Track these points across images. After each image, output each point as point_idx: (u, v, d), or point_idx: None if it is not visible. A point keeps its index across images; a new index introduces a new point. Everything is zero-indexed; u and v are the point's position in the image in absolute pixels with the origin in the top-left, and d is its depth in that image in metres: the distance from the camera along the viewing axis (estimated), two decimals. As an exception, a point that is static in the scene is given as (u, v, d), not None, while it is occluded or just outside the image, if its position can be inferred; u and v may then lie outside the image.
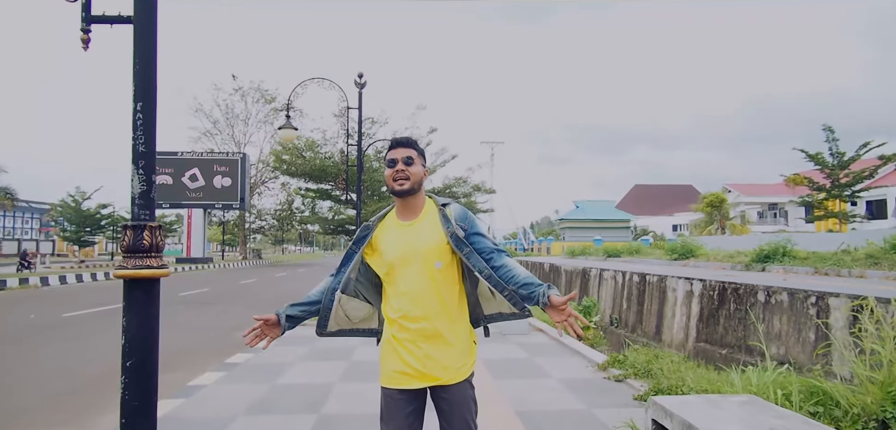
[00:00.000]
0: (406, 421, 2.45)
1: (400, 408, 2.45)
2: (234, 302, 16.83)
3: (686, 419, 3.25)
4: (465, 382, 2.49)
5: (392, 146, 2.58)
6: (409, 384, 2.44)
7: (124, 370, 2.98)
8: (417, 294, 2.44)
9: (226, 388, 5.96)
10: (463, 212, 2.57)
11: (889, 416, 3.45)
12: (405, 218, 2.54)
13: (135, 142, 3.09)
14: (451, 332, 2.46)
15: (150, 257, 3.04)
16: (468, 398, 2.50)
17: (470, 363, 2.53)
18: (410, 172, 2.48)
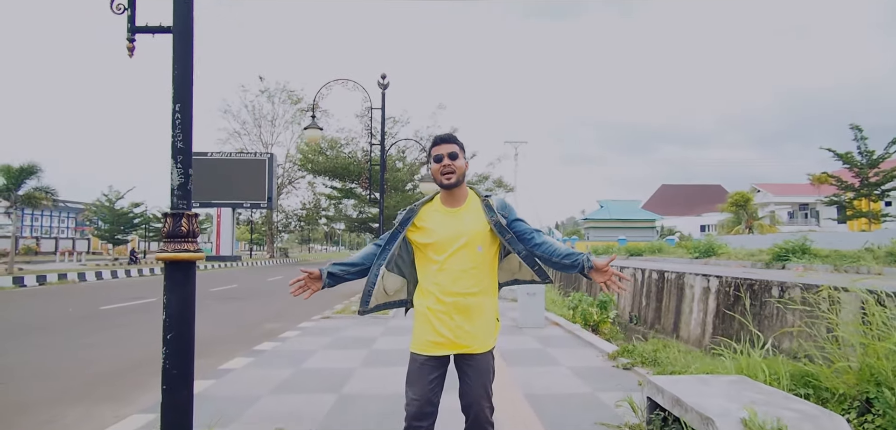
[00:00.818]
0: (429, 385, 2.76)
1: (426, 372, 2.76)
2: (262, 297, 17.35)
3: (675, 394, 3.51)
4: (488, 353, 2.82)
5: (436, 143, 2.91)
6: (440, 351, 2.76)
7: (165, 342, 3.35)
8: (458, 273, 2.76)
9: (253, 371, 6.34)
10: (503, 202, 2.92)
11: (872, 395, 3.64)
12: (450, 206, 2.87)
13: (174, 139, 3.46)
14: (483, 307, 2.79)
15: (187, 242, 3.40)
16: (490, 367, 2.83)
17: (494, 338, 2.87)
18: (455, 165, 2.81)
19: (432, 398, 2.77)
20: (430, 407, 2.76)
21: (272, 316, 12.31)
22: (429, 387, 2.76)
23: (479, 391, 2.78)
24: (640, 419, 4.05)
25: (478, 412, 2.79)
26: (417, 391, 2.76)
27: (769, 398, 3.36)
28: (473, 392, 2.78)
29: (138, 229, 56.89)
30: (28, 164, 25.72)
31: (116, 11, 3.56)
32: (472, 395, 2.78)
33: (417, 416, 2.73)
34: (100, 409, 5.36)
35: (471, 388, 2.79)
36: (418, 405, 2.74)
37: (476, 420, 2.79)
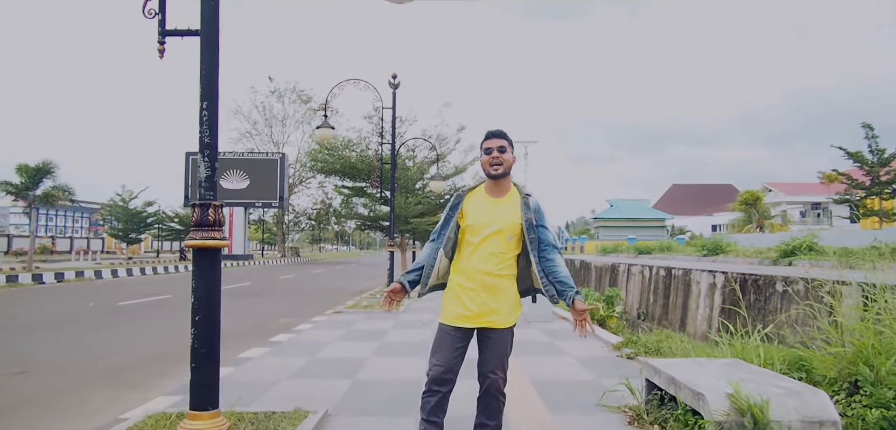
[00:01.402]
0: (453, 354, 3.04)
1: (451, 342, 3.06)
2: (275, 295, 17.67)
3: (671, 374, 3.72)
4: (509, 329, 3.11)
5: (487, 137, 3.19)
6: (466, 323, 3.05)
7: (194, 323, 3.62)
8: (488, 256, 3.06)
9: (271, 360, 6.61)
10: (538, 205, 3.21)
11: (860, 376, 3.80)
12: (494, 195, 3.18)
13: (201, 135, 3.73)
14: (507, 288, 3.08)
15: (213, 230, 3.66)
16: (508, 343, 3.13)
17: (516, 317, 3.15)
18: (503, 158, 3.11)
19: (454, 366, 3.04)
20: (450, 375, 3.03)
21: (285, 312, 12.59)
22: (452, 356, 3.03)
23: (496, 363, 3.06)
24: (638, 400, 4.26)
25: (493, 381, 3.07)
26: (441, 358, 3.04)
27: (759, 378, 3.56)
28: (491, 363, 3.05)
29: (152, 228, 57.61)
30: (44, 162, 26.20)
31: (148, 16, 3.83)
32: (489, 364, 3.05)
33: (438, 380, 3.02)
34: (125, 394, 5.63)
35: (489, 359, 3.06)
36: (441, 370, 3.02)
37: (490, 388, 3.07)
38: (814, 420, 3.07)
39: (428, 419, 3.08)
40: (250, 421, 3.89)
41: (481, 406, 3.17)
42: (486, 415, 3.16)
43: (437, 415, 3.08)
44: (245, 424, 3.82)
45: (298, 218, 63.68)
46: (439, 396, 3.06)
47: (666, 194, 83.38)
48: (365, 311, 11.36)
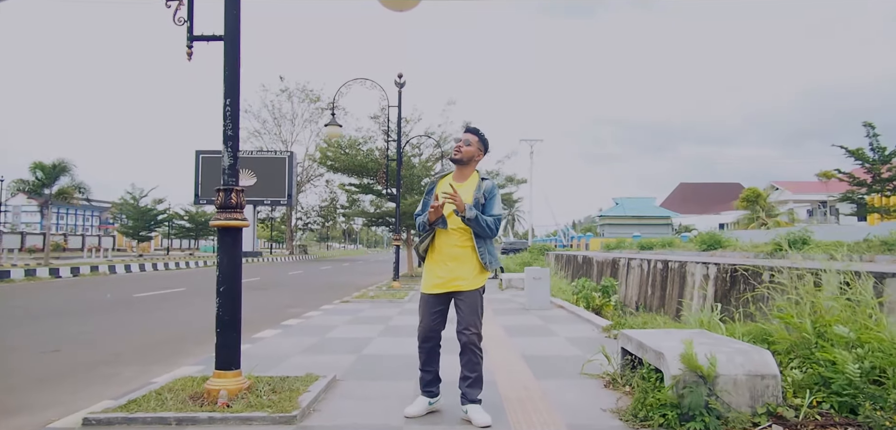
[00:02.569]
0: (433, 317, 3.73)
1: (429, 306, 3.75)
2: (284, 288, 18.21)
3: (640, 340, 4.20)
4: (476, 291, 3.71)
5: (464, 131, 3.93)
6: (438, 289, 3.70)
7: (218, 293, 4.13)
8: (451, 230, 3.72)
9: (283, 339, 7.13)
10: (491, 190, 3.81)
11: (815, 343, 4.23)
12: (458, 180, 3.86)
13: (225, 128, 4.24)
14: (469, 257, 3.71)
15: (236, 212, 4.17)
16: (477, 302, 3.72)
17: (481, 281, 3.74)
18: (464, 149, 3.81)
19: (435, 326, 3.71)
20: (432, 333, 3.71)
21: (295, 302, 13.12)
22: (432, 318, 3.71)
23: (468, 319, 3.65)
24: (614, 367, 4.73)
25: (468, 336, 3.64)
26: (424, 321, 3.73)
27: (715, 342, 4.03)
28: (463, 321, 3.65)
29: (162, 225, 58.39)
30: (60, 161, 26.91)
31: (178, 23, 4.34)
32: (462, 323, 3.65)
33: (424, 338, 3.73)
34: (152, 368, 6.14)
35: (461, 318, 3.66)
36: (424, 330, 3.72)
37: (465, 343, 3.65)
38: (756, 374, 3.54)
39: (423, 368, 3.81)
40: (267, 382, 4.39)
41: (462, 361, 3.74)
42: (467, 367, 3.73)
43: (431, 365, 3.79)
44: (263, 384, 4.32)
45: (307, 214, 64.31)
46: (427, 350, 3.76)
47: (674, 193, 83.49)
48: (371, 301, 11.87)
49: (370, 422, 3.72)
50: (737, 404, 3.49)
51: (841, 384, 3.50)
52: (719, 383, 3.50)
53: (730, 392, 3.49)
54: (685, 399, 3.47)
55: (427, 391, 3.83)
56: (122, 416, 3.65)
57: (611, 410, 3.89)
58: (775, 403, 3.49)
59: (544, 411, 3.93)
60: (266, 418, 3.64)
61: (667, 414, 3.48)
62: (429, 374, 3.81)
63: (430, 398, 3.84)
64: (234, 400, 3.89)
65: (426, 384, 3.83)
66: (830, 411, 3.43)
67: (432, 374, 3.82)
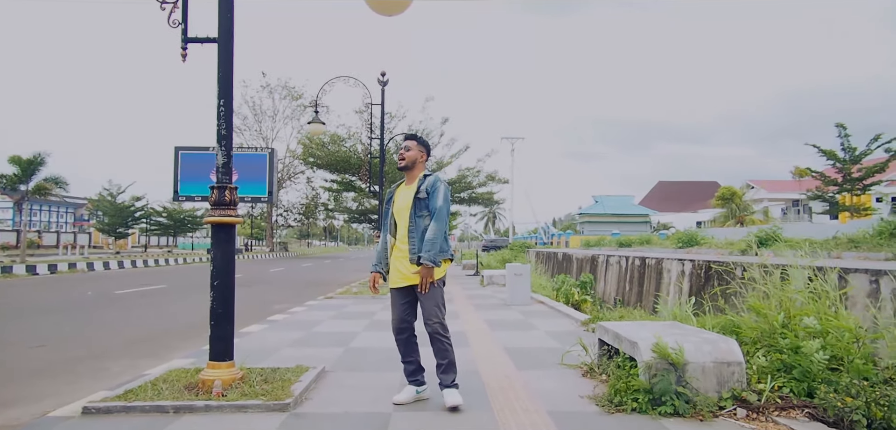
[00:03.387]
0: (402, 308, 4.00)
1: (398, 300, 4.03)
2: (266, 285, 18.26)
3: (616, 331, 4.44)
4: (432, 284, 3.91)
5: (403, 139, 4.28)
6: (402, 283, 3.97)
7: (212, 287, 4.28)
8: (405, 230, 3.98)
9: (270, 333, 7.27)
10: (433, 183, 4.05)
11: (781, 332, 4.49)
12: (408, 184, 4.15)
13: (218, 128, 4.39)
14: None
15: (229, 209, 4.32)
16: (437, 294, 3.95)
17: (439, 274, 3.94)
18: (407, 155, 4.11)
19: (406, 317, 4.02)
20: (404, 323, 4.01)
21: (279, 299, 13.22)
22: (401, 309, 4.02)
23: (429, 310, 3.90)
24: (591, 357, 4.97)
25: (432, 326, 3.90)
26: (395, 313, 4.04)
27: (685, 333, 4.28)
28: (426, 311, 3.92)
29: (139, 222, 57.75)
30: (36, 154, 26.49)
31: (172, 25, 4.47)
32: (425, 313, 3.93)
33: (397, 329, 4.03)
34: (139, 362, 6.26)
35: (424, 308, 3.93)
36: (396, 321, 4.03)
37: (432, 332, 3.91)
38: (723, 361, 3.79)
39: (404, 360, 4.09)
40: (259, 373, 4.55)
41: (433, 349, 3.99)
42: (437, 355, 3.99)
43: (411, 355, 4.08)
44: (255, 375, 4.48)
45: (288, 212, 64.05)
46: (403, 341, 4.05)
47: (653, 191, 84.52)
48: (355, 297, 12.02)
49: (360, 410, 3.90)
50: (704, 389, 3.73)
51: (801, 371, 3.77)
52: (688, 369, 3.75)
53: (698, 378, 3.74)
54: (656, 385, 3.72)
55: (413, 380, 4.08)
56: (120, 405, 3.79)
57: (588, 396, 4.12)
58: (740, 388, 3.74)
59: (525, 398, 4.14)
60: (260, 406, 3.80)
61: (639, 399, 3.72)
62: (411, 364, 4.08)
63: (418, 387, 4.08)
64: (228, 390, 4.05)
65: (410, 375, 4.08)
66: (790, 394, 3.69)
67: (414, 364, 4.08)
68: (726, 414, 3.60)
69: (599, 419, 3.66)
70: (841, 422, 3.26)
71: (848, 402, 3.25)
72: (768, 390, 3.66)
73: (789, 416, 3.49)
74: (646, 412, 3.67)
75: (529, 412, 3.82)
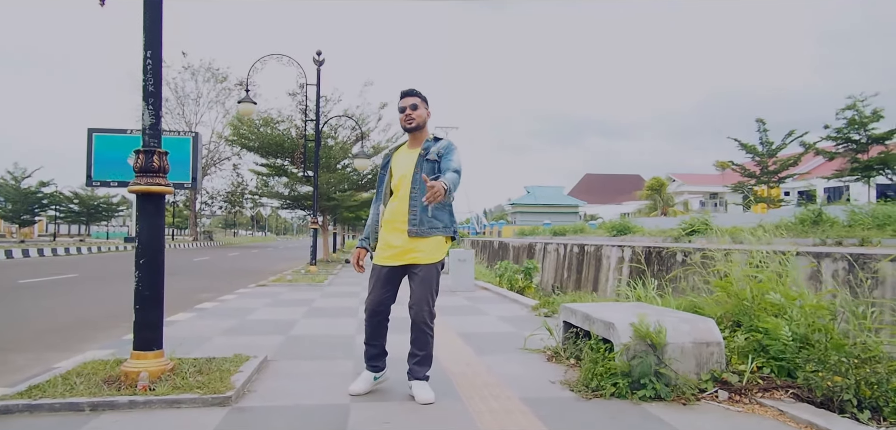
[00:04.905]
0: (384, 289, 3.46)
1: (382, 278, 3.47)
2: (191, 274, 17.20)
3: (585, 312, 4.19)
4: (433, 265, 3.46)
5: (401, 97, 3.57)
6: (393, 261, 3.44)
7: (138, 266, 3.72)
8: (407, 198, 3.43)
9: (200, 321, 6.64)
10: (446, 144, 3.53)
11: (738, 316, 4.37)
12: (412, 147, 3.59)
13: (145, 83, 3.82)
14: (425, 219, 3.41)
15: (158, 177, 3.77)
16: (432, 278, 3.47)
17: (441, 253, 3.49)
18: (415, 115, 3.52)
19: (385, 298, 3.46)
20: (383, 306, 3.46)
21: (206, 287, 12.38)
22: (383, 291, 3.45)
23: (420, 294, 3.40)
24: (556, 340, 4.71)
25: (417, 312, 3.41)
26: (374, 293, 3.44)
27: (658, 313, 4.08)
28: (415, 295, 3.41)
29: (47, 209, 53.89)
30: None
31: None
32: (414, 297, 3.41)
33: (372, 311, 3.45)
34: (47, 355, 5.52)
35: (414, 291, 3.42)
36: (373, 303, 3.43)
37: (415, 319, 3.42)
38: (702, 341, 3.60)
39: (369, 342, 3.55)
40: (192, 364, 4.01)
41: (412, 336, 3.52)
42: (416, 345, 3.52)
43: (378, 339, 3.55)
44: (187, 365, 3.94)
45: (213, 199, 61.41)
46: (375, 323, 3.50)
47: (580, 183, 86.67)
48: (290, 284, 11.40)
49: (313, 401, 3.46)
50: (684, 370, 3.53)
51: (777, 349, 3.63)
52: (668, 351, 3.53)
53: (677, 360, 3.53)
54: (635, 368, 3.48)
55: (372, 365, 3.60)
56: (23, 403, 3.19)
57: (560, 381, 3.85)
58: (719, 369, 3.57)
59: (493, 384, 3.83)
60: (197, 400, 3.30)
61: (618, 383, 3.47)
62: (374, 347, 3.57)
63: (376, 374, 3.62)
64: (156, 383, 3.51)
65: (371, 358, 3.58)
66: (771, 375, 3.54)
67: (378, 348, 3.59)
68: (708, 397, 3.41)
69: (577, 405, 3.38)
70: (830, 402, 3.12)
71: (837, 381, 3.11)
72: (749, 370, 3.50)
73: (773, 397, 3.33)
74: (625, 397, 3.42)
75: (500, 399, 3.50)
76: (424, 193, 3.28)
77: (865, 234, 10.53)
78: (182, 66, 52.88)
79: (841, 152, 25.82)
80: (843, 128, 24.95)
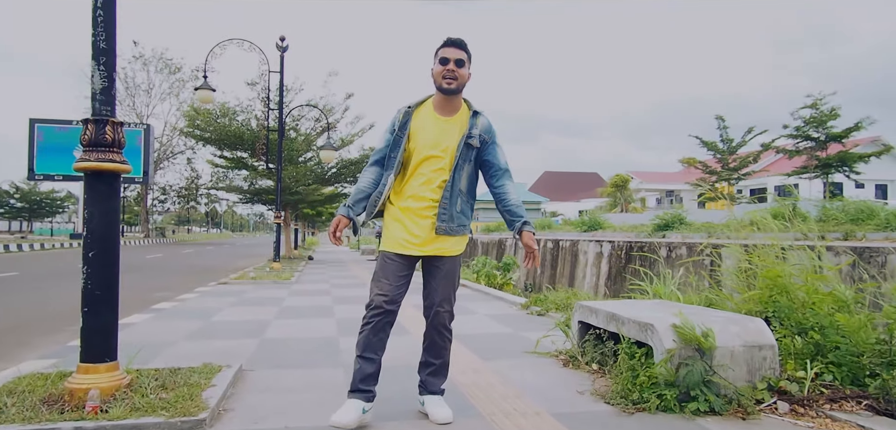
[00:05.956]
0: (397, 282, 2.79)
1: (396, 270, 2.80)
2: (143, 272, 16.17)
3: (611, 312, 3.70)
4: (457, 257, 2.89)
5: (446, 44, 2.79)
6: (412, 250, 2.79)
7: (86, 260, 3.05)
8: (432, 177, 2.79)
9: (158, 324, 5.91)
10: (489, 125, 2.91)
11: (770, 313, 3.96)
12: (443, 113, 2.85)
13: (95, 38, 3.14)
14: (455, 215, 2.81)
15: (112, 152, 3.11)
16: (457, 272, 2.91)
17: (463, 245, 2.91)
18: (459, 73, 2.76)
19: (397, 297, 2.79)
20: (393, 306, 2.79)
21: (161, 286, 11.51)
22: (397, 284, 2.80)
23: (443, 293, 2.86)
24: (571, 343, 4.22)
25: (439, 314, 2.86)
26: (385, 286, 2.78)
27: (692, 311, 3.63)
28: (439, 293, 2.85)
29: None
30: None
31: None
32: (437, 295, 2.85)
33: (380, 310, 2.76)
34: (-22, 365, 4.75)
35: (436, 289, 2.86)
36: (384, 299, 2.76)
37: (436, 321, 2.87)
38: (754, 344, 3.15)
39: (365, 355, 2.79)
40: (154, 377, 3.36)
41: (427, 343, 2.97)
42: (431, 352, 2.96)
43: (377, 350, 2.80)
44: (147, 379, 3.29)
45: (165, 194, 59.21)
46: (380, 326, 2.77)
47: (539, 180, 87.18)
48: (254, 282, 10.65)
49: (308, 424, 2.86)
50: (734, 378, 3.08)
51: (846, 353, 3.18)
52: (716, 356, 3.08)
53: (728, 366, 3.07)
54: (683, 376, 3.01)
55: (364, 390, 2.77)
56: (-64, 435, 2.51)
57: (590, 392, 3.35)
58: (774, 376, 3.13)
59: (512, 396, 3.30)
60: (162, 424, 2.67)
61: (664, 394, 2.99)
62: (370, 363, 2.77)
63: (366, 403, 2.78)
64: (110, 403, 2.86)
65: (364, 379, 2.76)
66: (835, 383, 3.11)
67: (376, 364, 2.79)
68: (767, 409, 2.97)
69: (620, 423, 2.89)
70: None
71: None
72: (810, 377, 3.07)
73: (844, 409, 2.90)
74: (673, 410, 2.95)
75: (527, 415, 2.98)
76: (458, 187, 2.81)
77: (848, 228, 10.44)
78: (133, 56, 50.71)
79: (800, 150, 26.30)
80: (801, 126, 25.39)
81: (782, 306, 3.73)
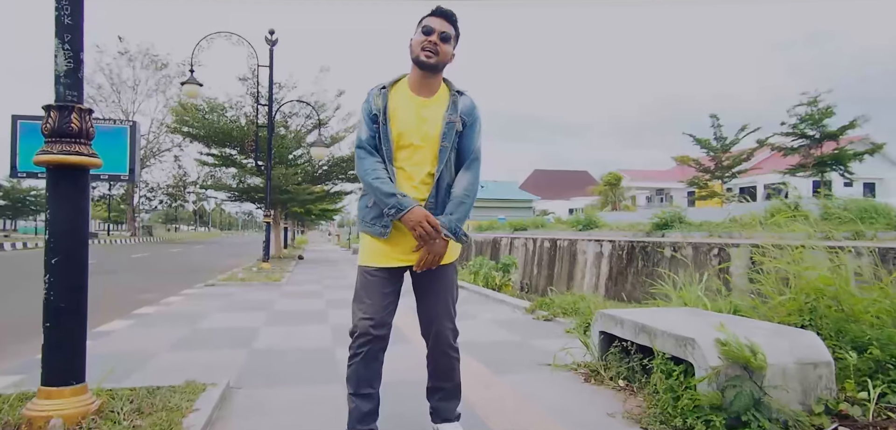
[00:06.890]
0: (385, 300, 2.36)
1: (379, 286, 2.35)
2: (128, 272, 15.66)
3: (640, 322, 3.34)
4: (451, 265, 2.46)
5: (433, 13, 2.36)
6: (395, 261, 2.36)
7: (49, 268, 2.67)
8: (413, 172, 2.37)
9: (140, 331, 5.49)
10: (472, 106, 2.47)
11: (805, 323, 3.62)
12: (420, 94, 2.41)
13: (60, 13, 2.75)
14: None
15: (78, 143, 2.72)
16: (453, 282, 2.49)
17: (457, 251, 2.49)
18: (442, 48, 2.34)
19: (385, 318, 2.35)
20: (382, 329, 2.34)
21: (146, 288, 11.04)
22: (383, 302, 2.34)
23: (442, 309, 2.44)
24: (593, 357, 3.86)
25: (441, 333, 2.45)
26: (368, 309, 2.32)
27: (731, 322, 3.28)
28: (436, 310, 2.44)
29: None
30: None
31: None
32: (434, 312, 2.44)
33: (366, 337, 2.32)
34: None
35: (433, 305, 2.44)
36: (369, 324, 2.31)
37: (439, 341, 2.46)
38: (808, 362, 2.81)
39: (358, 392, 2.36)
40: (128, 399, 2.97)
41: (432, 367, 2.56)
42: (439, 375, 2.56)
43: (371, 383, 2.38)
44: (121, 402, 2.90)
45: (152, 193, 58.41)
46: (371, 355, 2.34)
47: (529, 178, 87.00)
48: (242, 283, 10.23)
49: (304, 456, 2.48)
50: (787, 400, 2.73)
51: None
52: (766, 375, 2.73)
53: (780, 387, 2.72)
54: (732, 399, 2.65)
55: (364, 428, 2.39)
56: None
57: (622, 414, 2.99)
58: (831, 397, 2.79)
59: (537, 420, 2.94)
60: (134, 463, 2.28)
61: (712, 420, 2.63)
62: (367, 400, 2.37)
63: None
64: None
65: (360, 420, 2.37)
66: (902, 404, 2.78)
67: (373, 401, 2.40)
68: (828, 435, 2.62)
69: (662, 452, 2.53)
70: None
71: None
72: (874, 399, 2.73)
73: (917, 435, 2.57)
74: (722, 438, 2.59)
75: (556, 444, 2.62)
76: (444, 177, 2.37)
77: (854, 227, 10.18)
78: (118, 52, 49.85)
79: (795, 148, 26.16)
80: (798, 123, 25.24)
81: (827, 315, 3.38)
